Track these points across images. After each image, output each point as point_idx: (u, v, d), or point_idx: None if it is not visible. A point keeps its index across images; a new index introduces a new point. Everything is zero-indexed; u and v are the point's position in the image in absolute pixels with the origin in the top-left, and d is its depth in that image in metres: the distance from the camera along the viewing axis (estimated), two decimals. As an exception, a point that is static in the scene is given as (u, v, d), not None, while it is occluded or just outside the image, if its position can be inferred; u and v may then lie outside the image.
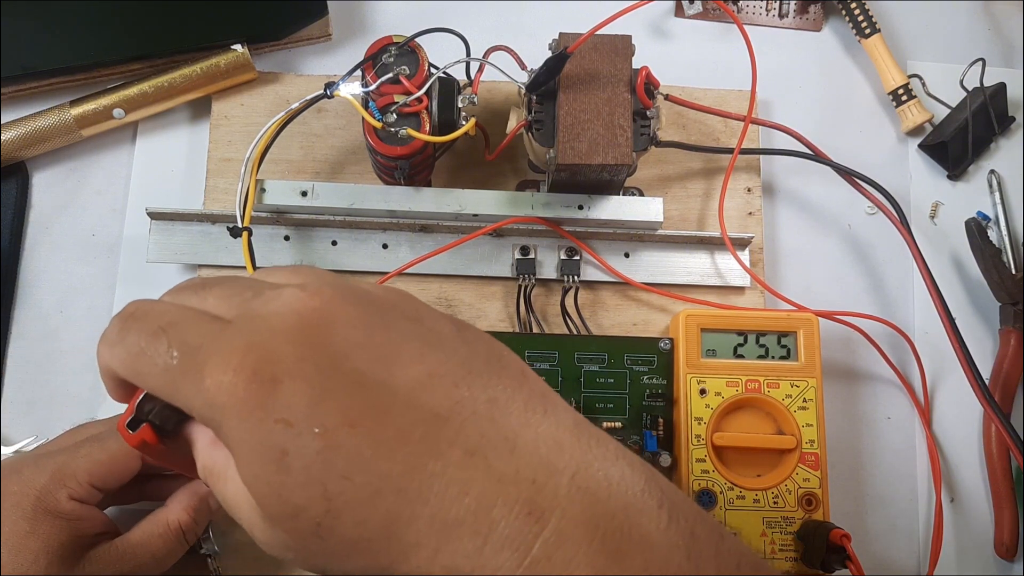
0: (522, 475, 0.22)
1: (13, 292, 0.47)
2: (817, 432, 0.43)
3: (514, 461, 0.22)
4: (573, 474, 0.22)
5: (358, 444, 0.21)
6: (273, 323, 0.23)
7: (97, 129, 0.48)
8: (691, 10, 0.55)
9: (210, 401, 0.22)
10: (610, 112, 0.41)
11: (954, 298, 0.51)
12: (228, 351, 0.22)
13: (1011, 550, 0.47)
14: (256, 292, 0.24)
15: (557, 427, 0.23)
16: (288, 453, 0.21)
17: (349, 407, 0.22)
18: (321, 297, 0.23)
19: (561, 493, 0.22)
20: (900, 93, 0.53)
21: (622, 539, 0.22)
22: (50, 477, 0.33)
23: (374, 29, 0.53)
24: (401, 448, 0.21)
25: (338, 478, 0.21)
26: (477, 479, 0.21)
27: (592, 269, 0.48)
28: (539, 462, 0.22)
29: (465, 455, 0.22)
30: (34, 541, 0.32)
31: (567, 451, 0.23)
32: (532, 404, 0.24)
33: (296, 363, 0.22)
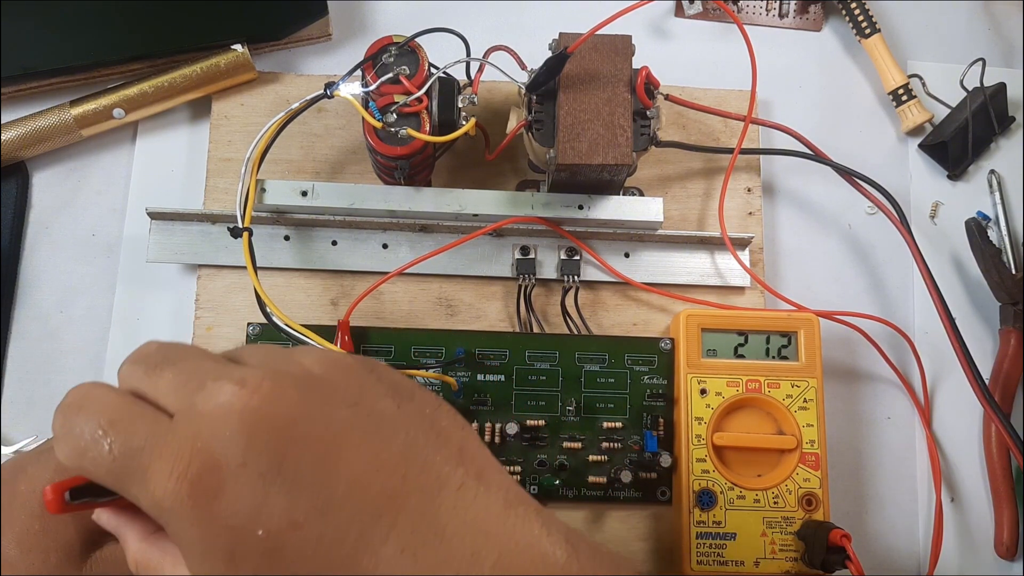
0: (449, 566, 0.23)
1: (13, 292, 0.47)
2: (817, 432, 0.43)
3: (442, 552, 0.23)
4: (495, 560, 0.24)
5: (300, 545, 0.23)
6: (214, 425, 0.23)
7: (97, 129, 0.48)
8: (691, 10, 0.55)
9: (156, 503, 0.23)
10: (610, 112, 0.41)
11: (954, 298, 0.51)
12: (170, 456, 0.23)
13: (1011, 550, 0.47)
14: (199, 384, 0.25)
15: (486, 512, 0.25)
16: (235, 554, 0.22)
17: (292, 509, 0.23)
18: (260, 394, 0.24)
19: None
20: (900, 93, 0.53)
21: None
22: (55, 472, 0.33)
23: (374, 29, 0.53)
24: (339, 548, 0.23)
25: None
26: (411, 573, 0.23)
27: (592, 269, 0.48)
28: (464, 552, 0.24)
29: (396, 552, 0.23)
30: (44, 539, 0.32)
31: (492, 537, 0.24)
32: (465, 487, 0.25)
33: (239, 468, 0.23)
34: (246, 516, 0.22)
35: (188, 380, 0.25)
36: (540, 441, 0.44)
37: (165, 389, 0.25)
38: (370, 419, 0.25)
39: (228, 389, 0.24)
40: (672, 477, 0.45)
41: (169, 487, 0.23)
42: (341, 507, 0.23)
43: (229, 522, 0.22)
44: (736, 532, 0.42)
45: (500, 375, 0.45)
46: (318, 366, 0.26)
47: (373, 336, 0.45)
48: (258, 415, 0.24)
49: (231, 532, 0.22)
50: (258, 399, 0.24)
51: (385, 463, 0.24)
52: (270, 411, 0.24)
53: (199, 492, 0.23)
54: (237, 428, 0.23)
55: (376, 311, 0.47)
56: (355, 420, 0.25)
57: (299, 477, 0.23)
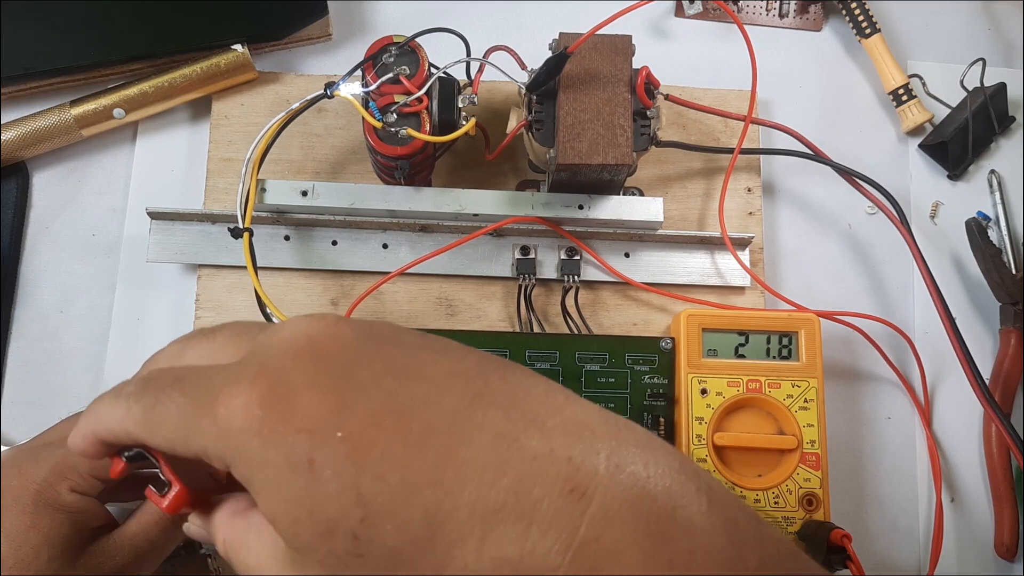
0: (557, 454, 0.21)
1: (13, 292, 0.47)
2: (818, 432, 0.43)
3: (547, 440, 0.21)
4: (609, 454, 0.21)
5: (386, 442, 0.21)
6: (283, 347, 0.23)
7: (97, 129, 0.48)
8: (691, 10, 0.55)
9: (225, 429, 0.22)
10: (610, 112, 0.41)
11: (954, 298, 0.51)
12: (239, 378, 0.22)
13: (1011, 550, 0.47)
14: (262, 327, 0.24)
15: (584, 411, 0.23)
16: (315, 462, 0.21)
17: (371, 409, 0.21)
18: (327, 321, 0.23)
19: (600, 471, 0.21)
20: (900, 93, 0.53)
21: (667, 522, 0.21)
22: (50, 470, 0.33)
23: (374, 29, 0.53)
24: (430, 440, 0.21)
25: (371, 479, 0.20)
26: (512, 460, 0.21)
27: (592, 269, 0.48)
28: (572, 441, 0.21)
29: (495, 438, 0.21)
30: (35, 535, 0.32)
31: (598, 432, 0.22)
32: (553, 392, 0.23)
33: (311, 376, 0.22)
34: (322, 418, 0.21)
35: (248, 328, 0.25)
36: (540, 441, 0.44)
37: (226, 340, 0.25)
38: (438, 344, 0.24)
39: (295, 320, 0.24)
40: (672, 477, 0.44)
41: (238, 404, 0.21)
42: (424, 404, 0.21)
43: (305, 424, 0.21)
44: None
45: (500, 375, 0.45)
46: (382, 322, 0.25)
47: (373, 336, 0.45)
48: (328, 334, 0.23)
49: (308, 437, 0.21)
50: (325, 324, 0.23)
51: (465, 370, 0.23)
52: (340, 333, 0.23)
53: (269, 402, 0.21)
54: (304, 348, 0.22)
55: (376, 311, 0.47)
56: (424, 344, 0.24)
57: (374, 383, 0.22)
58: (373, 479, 0.20)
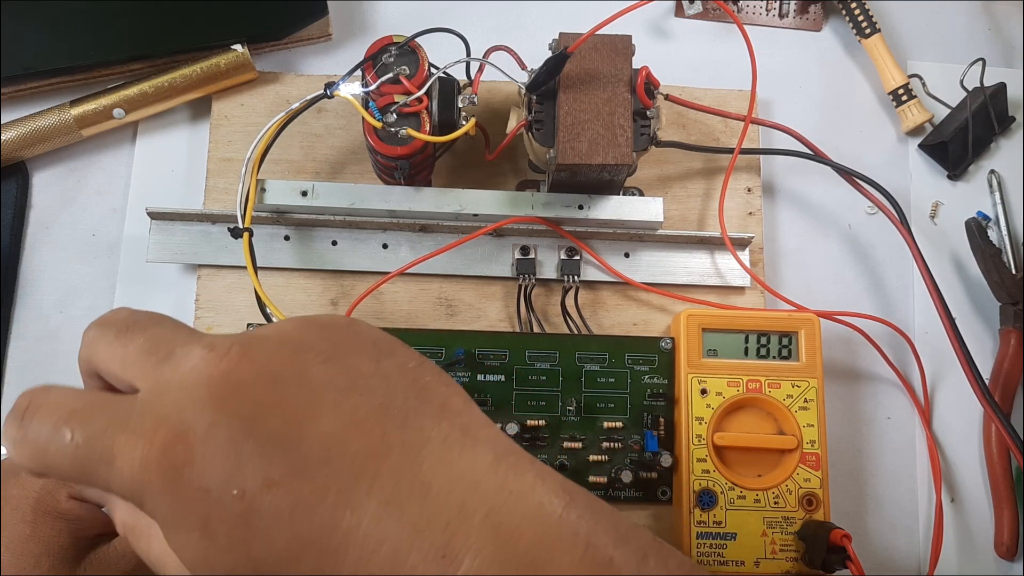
0: (436, 521, 0.22)
1: (13, 292, 0.47)
2: (818, 432, 0.43)
3: (428, 507, 0.22)
4: (486, 513, 0.22)
5: (277, 505, 0.21)
6: (181, 392, 0.23)
7: (97, 129, 0.48)
8: (691, 10, 0.55)
9: (126, 481, 0.22)
10: (610, 112, 0.41)
11: (954, 298, 0.51)
12: (137, 428, 0.22)
13: (1011, 550, 0.47)
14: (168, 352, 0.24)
15: (473, 465, 0.23)
16: (210, 519, 0.22)
17: (266, 468, 0.22)
18: (228, 359, 0.23)
19: (473, 534, 0.22)
20: (900, 93, 0.53)
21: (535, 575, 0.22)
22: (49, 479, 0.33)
23: (374, 29, 0.53)
24: (319, 505, 0.22)
25: (261, 540, 0.21)
26: (392, 530, 0.22)
27: (592, 269, 0.48)
28: (453, 505, 0.22)
29: (380, 506, 0.22)
30: (35, 544, 0.31)
31: (481, 489, 0.23)
32: (450, 441, 0.24)
33: (208, 431, 0.22)
34: (218, 479, 0.21)
35: (156, 347, 0.24)
36: (540, 441, 0.44)
37: (133, 357, 0.25)
38: (346, 376, 0.24)
39: (196, 354, 0.23)
40: (673, 477, 0.45)
41: (136, 461, 0.22)
42: (319, 465, 0.22)
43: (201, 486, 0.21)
44: (736, 532, 0.42)
45: (500, 375, 0.45)
46: (294, 328, 0.25)
47: (373, 336, 0.45)
48: (226, 379, 0.23)
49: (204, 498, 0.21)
50: (226, 363, 0.23)
51: (363, 420, 0.23)
52: (239, 374, 0.23)
53: (168, 461, 0.22)
54: (204, 394, 0.22)
55: (376, 311, 0.47)
56: (330, 377, 0.24)
57: (272, 437, 0.22)
58: (263, 542, 0.21)
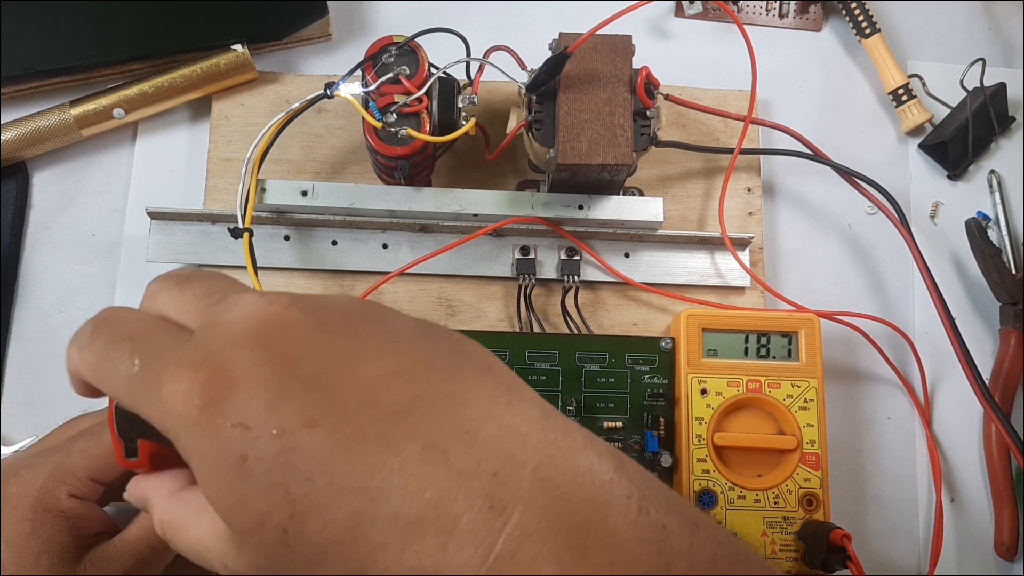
0: (483, 468, 0.21)
1: (13, 292, 0.47)
2: (818, 432, 0.43)
3: (475, 454, 0.21)
4: (536, 466, 0.22)
5: (317, 444, 0.21)
6: (230, 330, 0.23)
7: (97, 129, 0.48)
8: (691, 10, 0.55)
9: (167, 411, 0.22)
10: (610, 112, 0.41)
11: (954, 298, 0.51)
12: (185, 361, 0.23)
13: (1011, 550, 0.47)
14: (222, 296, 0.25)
15: (522, 418, 0.23)
16: (248, 457, 0.21)
17: (307, 408, 0.22)
18: (279, 304, 0.24)
19: (524, 486, 0.21)
20: (900, 93, 0.53)
21: (587, 534, 0.21)
22: (48, 476, 0.33)
23: (374, 29, 0.53)
24: (360, 446, 0.21)
25: (300, 480, 0.21)
26: (437, 474, 0.21)
27: (592, 269, 0.48)
28: (501, 454, 0.22)
29: (424, 450, 0.21)
30: (35, 542, 0.32)
31: (531, 442, 0.22)
32: (495, 396, 0.23)
33: (252, 368, 0.22)
34: (258, 416, 0.21)
35: (212, 292, 0.25)
36: (540, 441, 0.44)
37: (189, 299, 0.25)
38: (391, 332, 0.24)
39: (248, 298, 0.24)
40: (673, 477, 0.45)
41: (180, 389, 0.22)
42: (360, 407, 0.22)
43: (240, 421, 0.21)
44: (737, 532, 0.42)
45: (500, 375, 0.45)
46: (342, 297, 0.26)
47: (373, 336, 0.45)
48: (275, 320, 0.23)
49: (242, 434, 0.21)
50: (276, 307, 0.23)
51: (407, 369, 0.23)
52: (287, 318, 0.23)
53: (209, 393, 0.22)
54: (251, 333, 0.23)
55: (376, 311, 0.47)
56: (375, 331, 0.24)
57: (314, 378, 0.22)
58: (302, 480, 0.21)
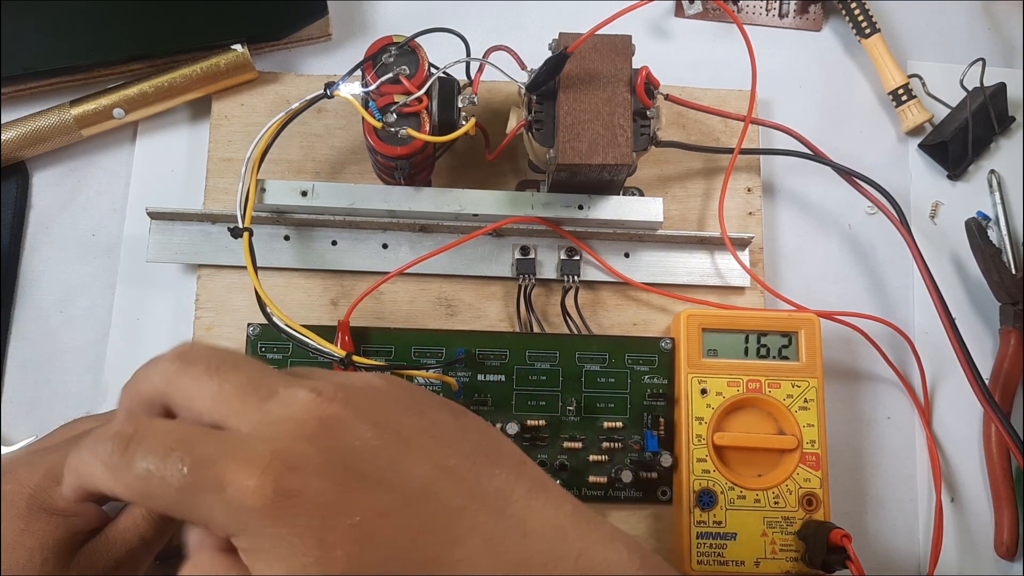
0: (534, 560, 0.24)
1: (13, 292, 0.47)
2: (818, 432, 0.43)
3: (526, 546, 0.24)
4: (576, 558, 0.24)
5: (391, 534, 0.23)
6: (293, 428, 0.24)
7: (97, 129, 0.48)
8: (691, 10, 0.55)
9: (235, 508, 0.22)
10: (610, 112, 0.41)
11: (954, 298, 0.51)
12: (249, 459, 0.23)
13: (1011, 550, 0.47)
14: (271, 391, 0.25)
15: (558, 513, 0.26)
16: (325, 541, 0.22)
17: (376, 501, 0.23)
18: (336, 401, 0.25)
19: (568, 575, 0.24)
20: (900, 93, 0.53)
21: None
22: (44, 474, 0.33)
23: (374, 29, 0.53)
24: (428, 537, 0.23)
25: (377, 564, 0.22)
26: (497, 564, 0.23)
27: (592, 269, 0.48)
28: (547, 547, 0.24)
29: (484, 542, 0.24)
30: (30, 539, 0.32)
31: (569, 536, 0.25)
32: (534, 492, 0.26)
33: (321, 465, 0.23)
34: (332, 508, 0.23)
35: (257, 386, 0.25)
36: (541, 441, 0.44)
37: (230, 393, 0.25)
38: (435, 427, 0.26)
39: (303, 396, 0.25)
40: (673, 477, 0.45)
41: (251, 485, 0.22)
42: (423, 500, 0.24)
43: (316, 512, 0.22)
44: (736, 532, 0.42)
45: (500, 375, 0.45)
46: (378, 380, 0.27)
47: (373, 336, 0.45)
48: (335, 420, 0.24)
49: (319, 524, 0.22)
50: (336, 406, 0.24)
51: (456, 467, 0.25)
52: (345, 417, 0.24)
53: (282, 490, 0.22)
54: (316, 431, 0.24)
55: (376, 311, 0.47)
56: (421, 425, 0.26)
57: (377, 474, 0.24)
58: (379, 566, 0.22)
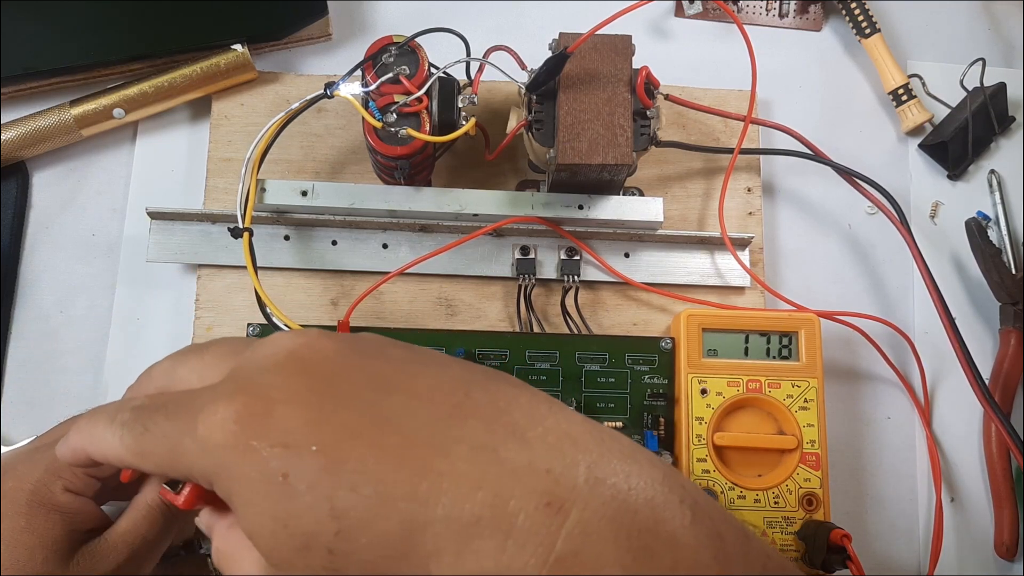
0: (536, 465, 0.21)
1: (13, 292, 0.47)
2: (818, 432, 0.43)
3: (526, 452, 0.21)
4: (589, 465, 0.21)
5: (361, 454, 0.21)
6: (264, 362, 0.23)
7: (97, 129, 0.48)
8: (691, 10, 0.55)
9: (205, 446, 0.22)
10: (610, 112, 0.41)
11: (954, 298, 0.51)
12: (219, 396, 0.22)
13: (1011, 550, 0.47)
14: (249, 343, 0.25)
15: (568, 421, 0.22)
16: (289, 475, 0.21)
17: (348, 421, 0.21)
18: (309, 335, 0.23)
19: (579, 484, 0.20)
20: (900, 93, 0.53)
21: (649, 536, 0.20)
22: (44, 470, 0.33)
23: (374, 29, 0.53)
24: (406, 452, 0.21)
25: (346, 491, 0.20)
26: (489, 472, 0.20)
27: (592, 269, 0.48)
28: (552, 453, 0.21)
29: (473, 450, 0.21)
30: (29, 537, 0.32)
31: (580, 443, 0.22)
32: (536, 402, 0.23)
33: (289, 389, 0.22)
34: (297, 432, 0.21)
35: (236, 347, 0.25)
36: (540, 441, 0.44)
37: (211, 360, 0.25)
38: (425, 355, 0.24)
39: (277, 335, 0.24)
40: (672, 477, 0.45)
41: (216, 419, 0.22)
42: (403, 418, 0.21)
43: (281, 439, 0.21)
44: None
45: (500, 375, 0.45)
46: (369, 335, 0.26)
47: (373, 336, 0.45)
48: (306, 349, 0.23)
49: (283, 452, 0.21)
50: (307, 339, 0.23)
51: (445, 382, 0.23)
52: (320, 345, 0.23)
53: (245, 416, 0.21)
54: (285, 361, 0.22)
55: (376, 311, 0.47)
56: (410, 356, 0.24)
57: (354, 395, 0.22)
58: (347, 491, 0.20)
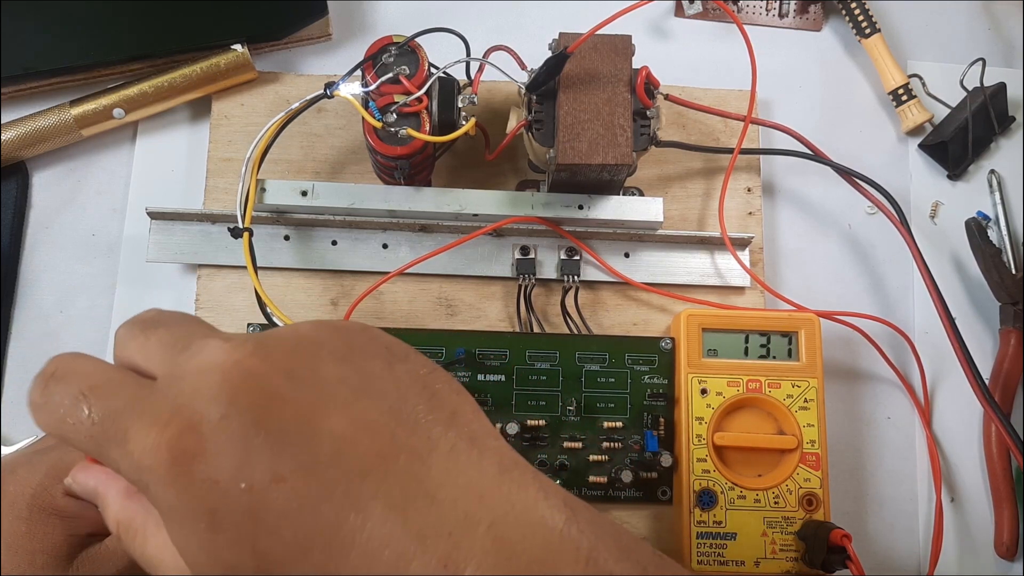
0: (440, 529, 0.22)
1: (13, 292, 0.47)
2: (818, 432, 0.43)
3: (432, 514, 0.22)
4: (490, 524, 0.23)
5: (285, 500, 0.22)
6: (196, 382, 0.23)
7: (97, 129, 0.48)
8: (691, 10, 0.55)
9: (136, 465, 0.23)
10: (610, 112, 0.41)
11: (954, 298, 0.51)
12: (151, 414, 0.23)
13: (1011, 550, 0.47)
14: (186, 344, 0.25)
15: (479, 476, 0.24)
16: (217, 512, 0.22)
17: (275, 464, 0.22)
18: (243, 350, 0.23)
19: (477, 545, 0.22)
20: (900, 93, 0.53)
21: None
22: (45, 473, 0.33)
23: (374, 29, 0.53)
24: (326, 503, 0.22)
25: (267, 534, 0.21)
26: (396, 534, 0.22)
27: (592, 269, 0.48)
28: (457, 515, 0.22)
29: (386, 510, 0.22)
30: (30, 541, 0.31)
31: (486, 500, 0.23)
32: (457, 450, 0.24)
33: (220, 422, 0.22)
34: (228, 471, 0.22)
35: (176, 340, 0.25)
36: (541, 441, 0.44)
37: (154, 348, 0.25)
38: (358, 376, 0.24)
39: (212, 345, 0.24)
40: (673, 477, 0.45)
41: (148, 446, 0.22)
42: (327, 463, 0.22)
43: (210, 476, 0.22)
44: (737, 532, 0.42)
45: (500, 375, 0.45)
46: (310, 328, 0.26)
47: (373, 336, 0.45)
48: (239, 369, 0.23)
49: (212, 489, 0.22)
50: (240, 354, 0.23)
51: (373, 422, 0.23)
52: (252, 366, 0.23)
53: (179, 450, 0.22)
54: (217, 385, 0.23)
55: (376, 311, 0.47)
56: (343, 375, 0.24)
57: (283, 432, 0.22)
58: (268, 535, 0.22)
